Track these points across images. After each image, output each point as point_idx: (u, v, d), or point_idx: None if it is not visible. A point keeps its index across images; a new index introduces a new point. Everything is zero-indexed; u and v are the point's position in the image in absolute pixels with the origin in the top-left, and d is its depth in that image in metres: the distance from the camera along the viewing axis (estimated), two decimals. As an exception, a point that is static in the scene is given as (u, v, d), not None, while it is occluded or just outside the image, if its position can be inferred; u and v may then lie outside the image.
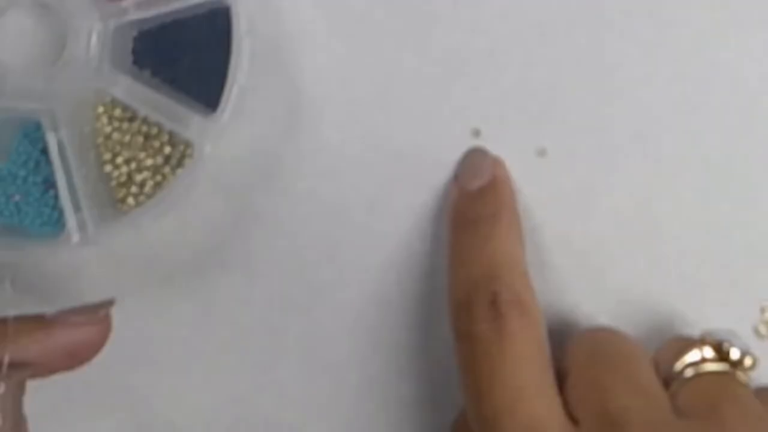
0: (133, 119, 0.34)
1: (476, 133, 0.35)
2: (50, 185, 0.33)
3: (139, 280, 0.35)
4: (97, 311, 0.31)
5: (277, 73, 0.35)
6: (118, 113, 0.34)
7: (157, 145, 0.34)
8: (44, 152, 0.34)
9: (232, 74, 0.32)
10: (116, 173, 0.34)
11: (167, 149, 0.34)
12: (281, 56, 0.35)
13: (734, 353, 0.31)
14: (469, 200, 0.34)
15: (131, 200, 0.34)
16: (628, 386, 0.30)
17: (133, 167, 0.34)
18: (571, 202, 0.34)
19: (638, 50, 0.34)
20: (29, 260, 0.35)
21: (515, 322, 0.30)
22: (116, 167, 0.34)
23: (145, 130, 0.34)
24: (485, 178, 0.34)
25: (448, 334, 0.35)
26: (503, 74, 0.35)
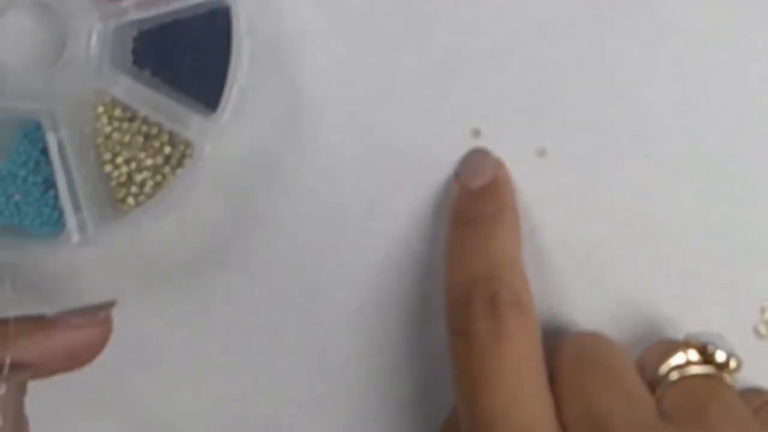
0: (133, 119, 0.34)
1: (476, 133, 0.35)
2: (50, 185, 0.33)
3: (139, 280, 0.35)
4: (97, 313, 0.31)
5: (277, 73, 0.35)
6: (118, 113, 0.34)
7: (157, 145, 0.34)
8: (44, 152, 0.34)
9: (232, 74, 0.32)
10: (116, 173, 0.34)
11: (167, 149, 0.34)
12: (281, 56, 0.35)
13: (719, 356, 0.31)
14: (469, 199, 0.34)
15: (131, 200, 0.34)
16: (613, 391, 0.30)
17: (133, 167, 0.34)
18: (571, 202, 0.34)
19: (638, 50, 0.34)
20: (29, 260, 0.35)
21: (514, 322, 0.30)
22: (116, 167, 0.34)
23: (145, 130, 0.34)
24: (487, 177, 0.34)
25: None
26: (503, 74, 0.35)
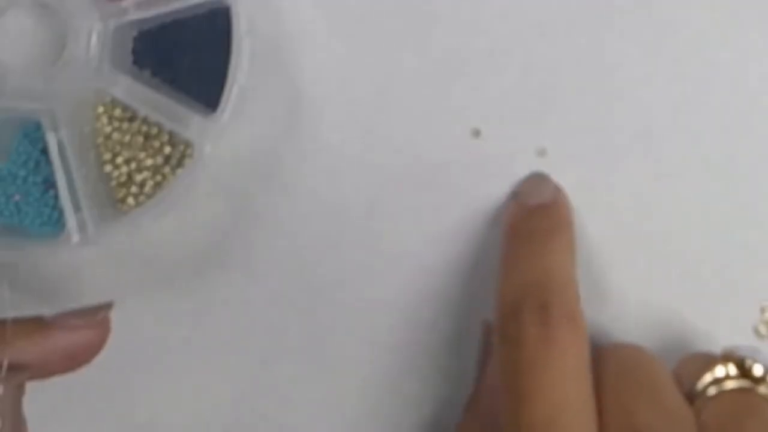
0: (133, 119, 0.34)
1: (476, 133, 0.35)
2: (50, 185, 0.33)
3: (139, 280, 0.35)
4: (95, 314, 0.31)
5: (277, 73, 0.35)
6: (118, 113, 0.34)
7: (157, 145, 0.34)
8: (44, 152, 0.34)
9: (232, 74, 0.32)
10: (116, 173, 0.34)
11: (167, 149, 0.34)
12: (281, 56, 0.35)
13: (757, 370, 0.30)
14: (527, 214, 0.33)
15: (131, 200, 0.34)
16: (654, 407, 0.29)
17: (133, 167, 0.34)
18: (571, 202, 0.34)
19: (638, 50, 0.34)
20: (29, 260, 0.35)
21: (565, 335, 0.30)
22: (116, 167, 0.34)
23: (145, 130, 0.34)
24: (545, 197, 0.34)
25: (448, 333, 0.35)
26: (503, 74, 0.35)
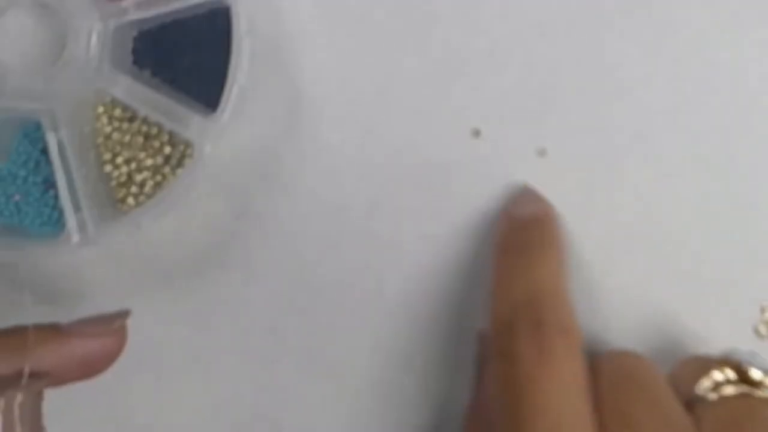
0: (133, 119, 0.34)
1: (476, 133, 0.35)
2: (50, 185, 0.33)
3: (139, 280, 0.35)
4: (112, 322, 0.31)
5: (277, 73, 0.35)
6: (118, 113, 0.34)
7: (157, 145, 0.34)
8: (44, 152, 0.34)
9: (232, 74, 0.32)
10: (116, 173, 0.34)
11: (167, 149, 0.34)
12: (281, 56, 0.35)
13: (755, 374, 0.30)
14: (518, 228, 0.33)
15: (131, 200, 0.34)
16: (654, 416, 0.29)
17: (133, 167, 0.34)
18: (571, 202, 0.34)
19: (638, 50, 0.34)
20: (29, 260, 0.35)
21: (560, 349, 0.29)
22: (116, 167, 0.34)
23: (145, 130, 0.34)
24: (535, 210, 0.34)
25: (447, 334, 0.35)
26: (503, 74, 0.35)
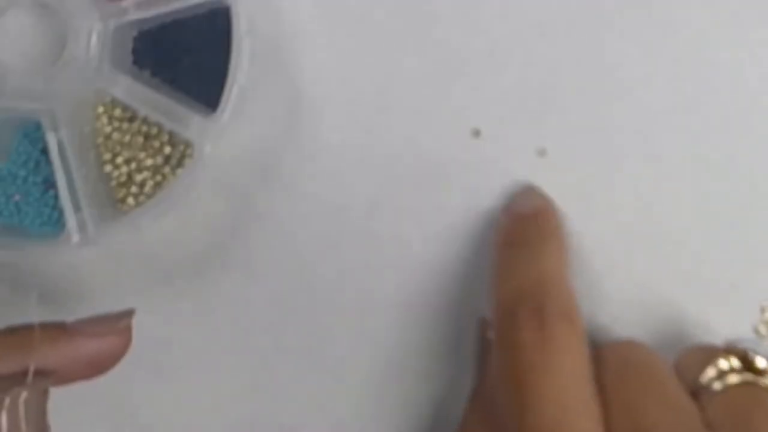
0: (133, 119, 0.34)
1: (476, 133, 0.35)
2: (50, 185, 0.33)
3: (139, 280, 0.35)
4: (118, 321, 0.31)
5: (277, 73, 0.35)
6: (118, 113, 0.34)
7: (157, 145, 0.34)
8: (44, 152, 0.34)
9: (232, 74, 0.32)
10: (116, 173, 0.34)
11: (167, 149, 0.34)
12: (281, 56, 0.35)
13: (760, 362, 0.30)
14: (519, 223, 0.34)
15: (131, 200, 0.34)
16: (659, 404, 0.29)
17: (133, 167, 0.34)
18: (571, 202, 0.34)
19: (638, 50, 0.34)
20: (29, 260, 0.35)
21: (562, 335, 0.30)
22: (116, 167, 0.34)
23: (145, 130, 0.34)
24: (535, 206, 0.34)
25: (447, 333, 0.35)
26: (503, 74, 0.35)
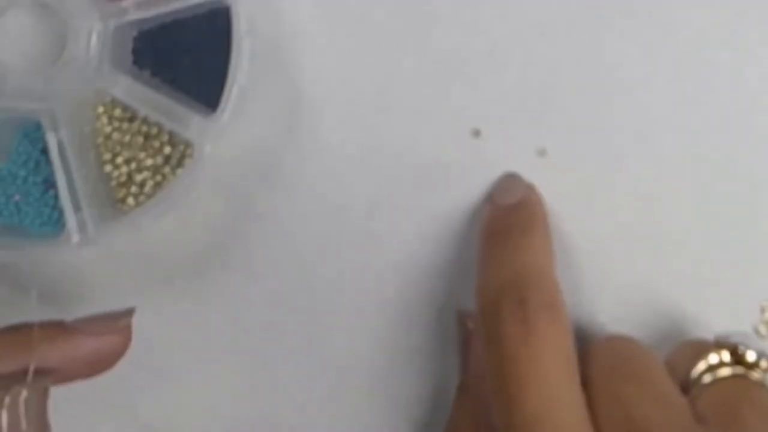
0: (133, 119, 0.34)
1: (476, 133, 0.35)
2: (50, 185, 0.33)
3: (139, 280, 0.35)
4: (118, 320, 0.31)
5: (277, 73, 0.35)
6: (118, 113, 0.34)
7: (157, 145, 0.34)
8: (44, 152, 0.34)
9: (232, 74, 0.32)
10: (116, 173, 0.34)
11: (167, 149, 0.34)
12: (281, 56, 0.35)
13: (750, 355, 0.30)
14: (502, 213, 0.34)
15: (131, 200, 0.34)
16: (649, 396, 0.29)
17: (133, 167, 0.34)
18: (571, 202, 0.34)
19: (638, 50, 0.34)
20: (29, 260, 0.35)
21: (545, 326, 0.29)
22: (116, 167, 0.34)
23: (145, 130, 0.34)
24: (518, 196, 0.34)
25: (447, 333, 0.35)
26: (503, 74, 0.35)
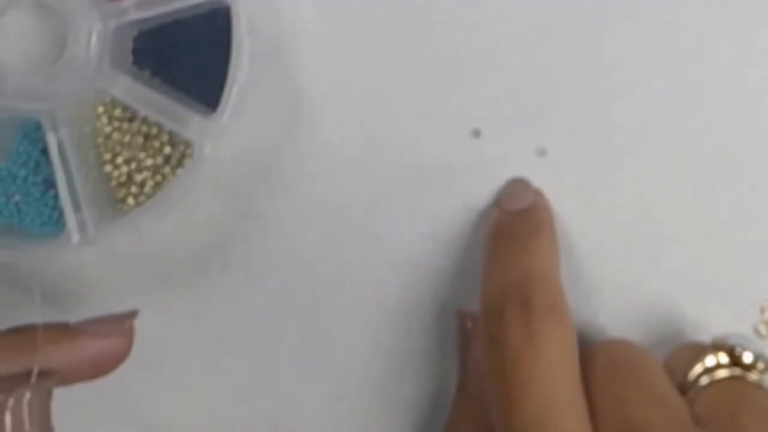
0: (133, 119, 0.34)
1: (476, 133, 0.35)
2: (50, 185, 0.33)
3: (139, 280, 0.35)
4: (121, 322, 0.31)
5: (277, 73, 0.35)
6: (118, 113, 0.34)
7: (157, 145, 0.34)
8: (44, 152, 0.34)
9: (232, 74, 0.32)
10: (116, 173, 0.34)
11: (167, 149, 0.34)
12: (281, 56, 0.35)
13: (747, 357, 0.30)
14: (509, 218, 0.34)
15: (131, 200, 0.34)
16: (648, 399, 0.29)
17: (133, 167, 0.34)
18: (571, 202, 0.34)
19: (638, 50, 0.34)
20: (29, 260, 0.35)
21: (549, 329, 0.29)
22: (116, 167, 0.34)
23: (145, 130, 0.34)
24: (526, 201, 0.34)
25: (447, 334, 0.35)
26: (503, 74, 0.35)
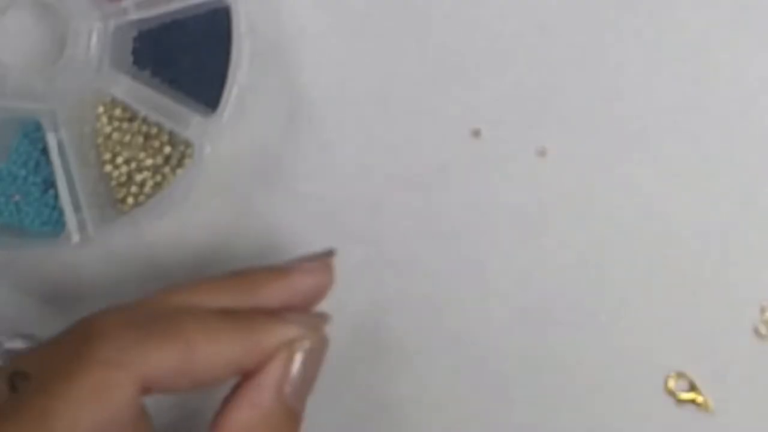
0: (133, 119, 0.34)
1: (476, 133, 0.35)
2: (50, 185, 0.33)
3: (139, 280, 0.35)
4: (324, 258, 0.31)
5: (277, 73, 0.35)
6: (118, 113, 0.34)
7: (157, 145, 0.34)
8: (44, 152, 0.34)
9: (232, 74, 0.32)
10: (116, 173, 0.34)
11: (167, 149, 0.34)
12: (281, 56, 0.35)
13: None
14: None
15: (131, 200, 0.34)
16: None
17: (133, 167, 0.34)
18: (571, 202, 0.34)
19: (638, 50, 0.34)
20: (29, 260, 0.35)
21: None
22: (116, 167, 0.34)
23: (145, 130, 0.34)
24: None
25: (447, 333, 0.35)
26: (503, 74, 0.35)
